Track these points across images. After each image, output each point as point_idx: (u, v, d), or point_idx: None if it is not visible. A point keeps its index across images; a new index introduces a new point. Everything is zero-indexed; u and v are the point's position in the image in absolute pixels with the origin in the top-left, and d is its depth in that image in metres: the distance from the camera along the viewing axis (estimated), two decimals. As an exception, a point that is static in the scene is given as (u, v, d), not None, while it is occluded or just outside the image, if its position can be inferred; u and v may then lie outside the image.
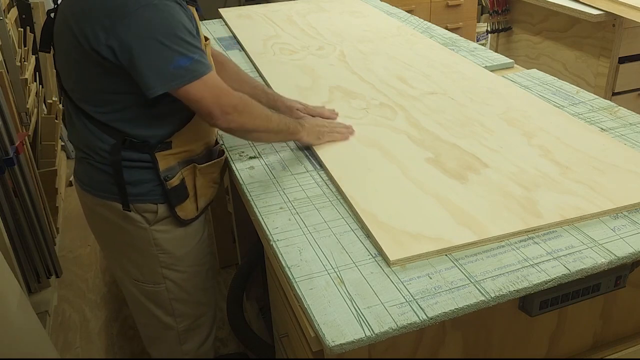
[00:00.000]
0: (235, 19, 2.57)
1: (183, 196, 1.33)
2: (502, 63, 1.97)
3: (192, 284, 1.45)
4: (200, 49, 1.17)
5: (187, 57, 1.13)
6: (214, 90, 1.18)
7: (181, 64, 1.13)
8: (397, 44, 2.15)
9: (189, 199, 1.34)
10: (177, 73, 1.13)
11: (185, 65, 1.13)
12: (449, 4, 3.98)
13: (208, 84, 1.17)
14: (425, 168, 1.30)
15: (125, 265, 1.41)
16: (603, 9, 2.42)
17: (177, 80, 1.13)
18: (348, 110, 1.62)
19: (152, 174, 1.28)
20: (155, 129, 1.25)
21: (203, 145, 1.36)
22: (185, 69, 1.13)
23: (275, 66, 1.98)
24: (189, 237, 1.40)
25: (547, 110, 1.56)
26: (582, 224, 1.11)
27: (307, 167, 1.37)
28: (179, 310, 1.46)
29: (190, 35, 1.15)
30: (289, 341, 1.21)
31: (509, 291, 0.95)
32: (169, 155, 1.28)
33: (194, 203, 1.36)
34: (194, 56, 1.14)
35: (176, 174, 1.30)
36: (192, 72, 1.14)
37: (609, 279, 1.06)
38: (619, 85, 2.57)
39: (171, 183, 1.29)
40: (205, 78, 1.16)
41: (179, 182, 1.30)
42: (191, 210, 1.37)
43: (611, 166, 1.27)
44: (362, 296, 0.95)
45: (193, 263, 1.43)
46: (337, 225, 1.14)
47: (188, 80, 1.14)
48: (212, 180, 1.41)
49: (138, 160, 1.26)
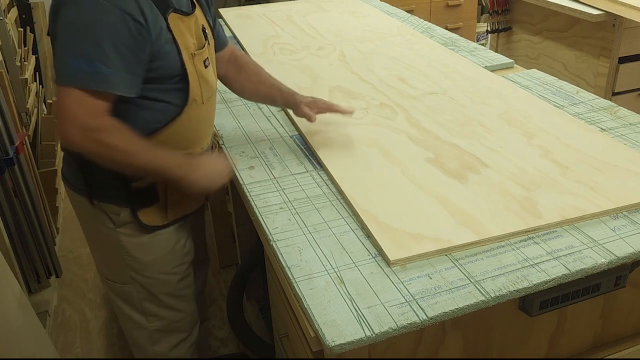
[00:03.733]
0: (235, 19, 2.57)
1: (149, 200, 1.28)
2: (502, 63, 1.97)
3: (161, 290, 1.40)
4: (122, 66, 1.08)
5: (91, 63, 1.05)
6: (82, 105, 1.07)
7: (80, 66, 1.05)
8: (397, 44, 2.15)
9: (156, 205, 1.29)
10: (71, 72, 1.06)
11: (83, 69, 1.05)
12: (449, 4, 3.98)
13: (84, 99, 1.07)
14: (425, 168, 1.30)
15: (99, 262, 1.42)
16: (603, 9, 2.42)
17: (65, 78, 1.06)
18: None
19: (118, 174, 1.21)
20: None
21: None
22: (80, 72, 1.05)
23: (275, 66, 1.98)
24: (155, 245, 1.33)
25: (547, 110, 1.56)
26: (582, 224, 1.11)
27: (307, 167, 1.37)
28: (150, 310, 1.42)
29: (113, 48, 1.06)
30: (289, 341, 1.21)
31: (509, 291, 0.95)
32: None
33: (162, 211, 1.30)
34: (101, 67, 1.06)
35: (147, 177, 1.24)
36: (82, 79, 1.06)
37: (609, 279, 1.05)
38: (619, 85, 2.57)
39: (137, 184, 1.24)
40: (89, 92, 1.07)
41: (147, 184, 1.25)
42: (157, 217, 1.30)
43: (611, 166, 1.27)
44: (362, 296, 0.95)
45: (160, 271, 1.37)
46: (337, 225, 1.14)
47: (73, 83, 1.06)
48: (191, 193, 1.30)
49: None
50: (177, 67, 1.19)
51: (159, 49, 1.14)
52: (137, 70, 1.12)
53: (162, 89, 1.19)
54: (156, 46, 1.13)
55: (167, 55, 1.16)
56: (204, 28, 1.28)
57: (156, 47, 1.14)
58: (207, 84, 1.27)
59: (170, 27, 1.16)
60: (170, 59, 1.17)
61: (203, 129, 1.32)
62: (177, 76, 1.20)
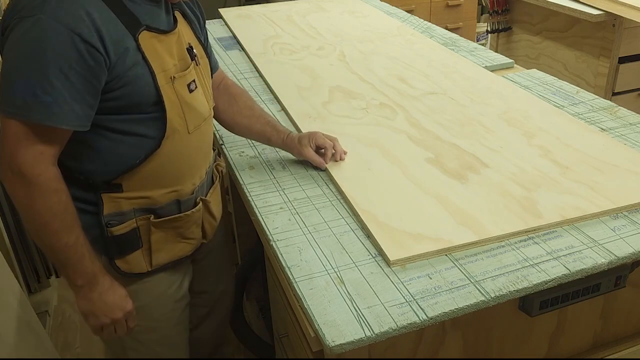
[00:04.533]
0: (235, 19, 2.57)
1: (129, 247, 1.13)
2: (502, 63, 1.97)
3: (149, 338, 1.27)
4: (68, 95, 0.94)
5: (31, 91, 0.92)
6: (20, 141, 0.95)
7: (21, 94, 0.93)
8: (397, 44, 2.15)
9: (139, 251, 1.15)
10: (10, 100, 0.94)
11: (23, 97, 0.93)
12: (449, 4, 3.98)
13: (25, 137, 0.95)
14: (425, 168, 1.30)
15: None
16: (603, 9, 2.42)
17: (4, 107, 0.95)
18: (348, 110, 1.62)
19: (96, 220, 1.09)
20: (96, 164, 1.07)
21: (169, 194, 1.14)
22: (19, 100, 0.93)
23: (275, 66, 1.98)
24: (142, 293, 1.20)
25: (547, 110, 1.56)
26: (582, 224, 1.11)
27: (307, 167, 1.37)
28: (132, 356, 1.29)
29: (59, 74, 0.93)
30: (289, 341, 1.21)
31: (509, 291, 0.95)
32: (121, 199, 1.09)
33: (146, 257, 1.16)
34: (42, 96, 0.93)
35: (126, 221, 1.10)
36: (21, 108, 0.93)
37: (609, 279, 1.05)
38: (619, 85, 2.57)
39: (115, 230, 1.09)
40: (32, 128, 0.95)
41: (128, 230, 1.11)
42: (139, 265, 1.16)
43: (611, 166, 1.27)
44: (362, 296, 0.95)
45: (148, 319, 1.24)
46: (337, 225, 1.14)
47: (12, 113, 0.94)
48: (180, 235, 1.19)
49: (83, 201, 1.08)
50: (151, 93, 1.04)
51: (124, 72, 1.00)
52: (90, 100, 0.98)
53: (136, 119, 1.05)
54: (119, 70, 0.99)
55: (137, 79, 1.02)
56: (190, 47, 1.15)
57: (119, 70, 0.99)
58: (192, 110, 1.12)
59: (141, 48, 1.02)
60: (140, 84, 1.02)
61: (191, 162, 1.17)
62: (153, 104, 1.05)
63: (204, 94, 1.19)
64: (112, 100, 1.02)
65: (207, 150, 1.24)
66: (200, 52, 1.20)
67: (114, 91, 1.01)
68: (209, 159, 1.26)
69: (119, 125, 1.05)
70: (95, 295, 1.09)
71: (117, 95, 1.01)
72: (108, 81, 0.99)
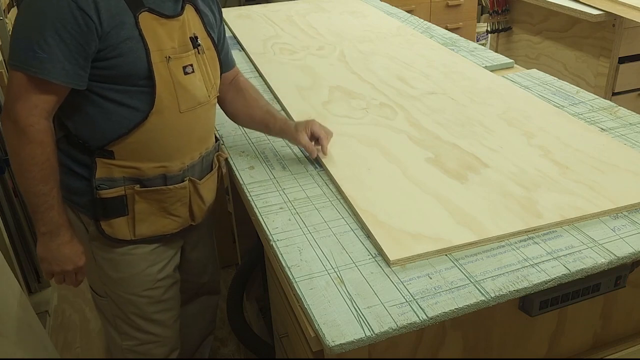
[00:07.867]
0: (235, 19, 2.57)
1: (114, 212, 1.21)
2: (502, 63, 1.97)
3: (130, 310, 1.36)
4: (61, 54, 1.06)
5: (29, 47, 1.05)
6: (20, 92, 1.08)
7: (22, 49, 1.06)
8: (397, 44, 2.15)
9: (124, 218, 1.23)
10: (14, 53, 1.07)
11: (23, 52, 1.06)
12: (449, 4, 3.99)
13: (25, 86, 1.07)
14: (425, 168, 1.30)
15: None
16: (603, 9, 2.42)
17: (10, 60, 1.08)
18: (348, 110, 1.62)
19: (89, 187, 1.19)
20: (89, 130, 1.17)
21: (156, 168, 1.21)
22: (21, 54, 1.06)
23: (275, 66, 1.98)
24: (124, 264, 1.29)
25: (547, 110, 1.56)
26: (582, 224, 1.11)
27: (307, 167, 1.37)
28: (122, 328, 1.39)
29: (55, 34, 1.05)
30: (289, 341, 1.21)
31: (509, 291, 0.95)
32: (112, 166, 1.18)
33: (130, 226, 1.24)
34: (38, 52, 1.05)
35: (115, 187, 1.20)
36: (22, 61, 1.06)
37: (609, 279, 1.05)
38: (619, 85, 2.57)
39: (104, 193, 1.19)
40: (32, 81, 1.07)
41: (115, 196, 1.20)
42: (122, 231, 1.24)
43: (611, 166, 1.27)
44: (362, 296, 0.95)
45: (128, 292, 1.32)
46: (337, 225, 1.14)
47: (16, 65, 1.07)
48: (165, 210, 1.26)
49: (78, 163, 1.20)
50: (143, 68, 1.13)
51: (117, 43, 1.10)
52: (80, 61, 1.08)
53: (127, 91, 1.14)
54: (112, 40, 1.09)
55: (130, 52, 1.11)
56: (195, 37, 1.22)
57: (112, 40, 1.09)
58: (186, 92, 1.19)
59: (139, 25, 1.11)
60: (133, 57, 1.12)
61: (183, 142, 1.23)
62: (145, 78, 1.14)
63: (202, 80, 1.24)
64: (106, 69, 1.12)
65: (203, 135, 1.30)
66: (207, 45, 1.26)
67: (107, 60, 1.11)
68: (206, 145, 1.32)
69: (111, 94, 1.14)
70: (54, 245, 1.20)
71: (111, 64, 1.11)
72: (101, 49, 1.10)
